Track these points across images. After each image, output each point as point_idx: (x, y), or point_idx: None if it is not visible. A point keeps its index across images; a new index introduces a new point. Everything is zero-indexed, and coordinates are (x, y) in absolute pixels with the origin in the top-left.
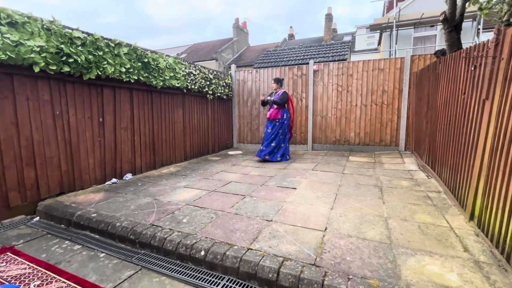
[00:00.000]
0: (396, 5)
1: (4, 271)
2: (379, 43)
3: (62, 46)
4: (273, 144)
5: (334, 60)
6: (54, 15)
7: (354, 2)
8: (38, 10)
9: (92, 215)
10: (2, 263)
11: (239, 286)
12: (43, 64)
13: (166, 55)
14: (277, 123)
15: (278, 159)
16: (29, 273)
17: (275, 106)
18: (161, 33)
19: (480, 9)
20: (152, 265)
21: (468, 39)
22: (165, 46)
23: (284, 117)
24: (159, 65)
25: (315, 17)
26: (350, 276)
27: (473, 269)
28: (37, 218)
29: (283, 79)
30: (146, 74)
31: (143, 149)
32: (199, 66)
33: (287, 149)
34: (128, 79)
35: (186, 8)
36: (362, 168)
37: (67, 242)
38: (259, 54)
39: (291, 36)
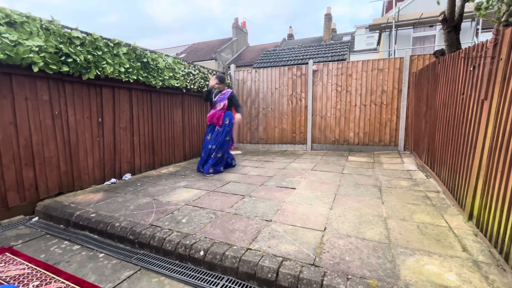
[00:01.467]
0: (395, 5)
1: (3, 271)
2: (378, 43)
3: (61, 46)
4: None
5: (334, 60)
6: (56, 15)
7: (354, 2)
8: (40, 10)
9: (91, 215)
10: (1, 263)
11: (239, 286)
12: (42, 64)
13: (165, 55)
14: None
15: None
16: (28, 273)
17: (217, 107)
18: (162, 33)
19: (477, 9)
20: (151, 265)
21: (467, 39)
22: (166, 46)
23: (226, 122)
24: (158, 65)
25: (316, 17)
26: (349, 276)
27: (471, 269)
28: (36, 218)
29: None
30: (145, 74)
31: (142, 149)
32: (199, 66)
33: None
34: (127, 79)
35: (187, 8)
36: (361, 168)
37: (66, 242)
38: (259, 54)
39: (290, 36)
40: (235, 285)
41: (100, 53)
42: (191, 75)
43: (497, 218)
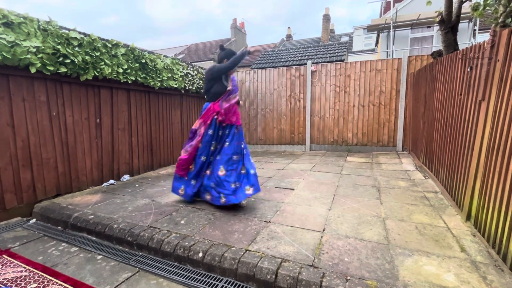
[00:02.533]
0: (393, 6)
1: (0, 274)
2: (376, 44)
3: (59, 46)
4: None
5: (332, 61)
6: (56, 15)
7: (352, 4)
8: (40, 11)
9: (89, 217)
10: None
11: (237, 287)
12: (39, 65)
13: (164, 56)
14: (238, 129)
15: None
16: (25, 276)
17: (233, 98)
18: (163, 34)
19: (474, 9)
20: (150, 267)
21: (464, 40)
22: (166, 47)
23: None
24: (156, 65)
25: (315, 18)
26: (348, 277)
27: (470, 269)
28: (34, 220)
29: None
30: (144, 75)
31: (140, 150)
32: (197, 67)
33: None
34: (125, 80)
35: (187, 9)
36: (360, 168)
37: (64, 244)
38: (257, 55)
39: (289, 36)
40: (234, 286)
41: (98, 54)
42: (189, 76)
43: (495, 219)
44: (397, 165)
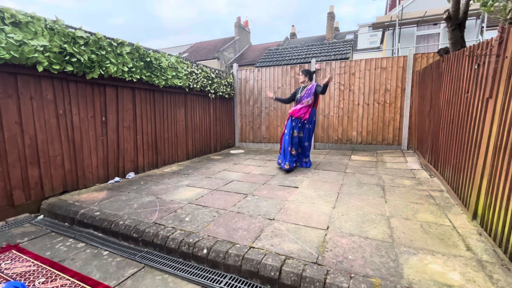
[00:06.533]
0: (399, 3)
1: (9, 268)
2: (381, 42)
3: (65, 45)
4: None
5: (336, 59)
6: (67, 16)
7: (358, 3)
8: (52, 11)
9: (96, 213)
10: (7, 260)
11: (242, 284)
12: (46, 63)
13: (168, 54)
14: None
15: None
16: (33, 270)
17: (304, 103)
18: (170, 34)
19: (483, 5)
20: (155, 263)
21: (471, 37)
22: (171, 46)
23: (314, 118)
24: (161, 64)
25: (320, 18)
26: (352, 275)
27: (475, 268)
28: (41, 216)
29: (314, 71)
30: (149, 73)
31: (145, 148)
32: (201, 65)
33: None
34: (130, 78)
35: (195, 9)
36: (364, 167)
37: (71, 240)
38: (261, 53)
39: (293, 35)
40: (238, 283)
41: (103, 52)
42: (194, 74)
43: (502, 218)
44: (402, 164)
